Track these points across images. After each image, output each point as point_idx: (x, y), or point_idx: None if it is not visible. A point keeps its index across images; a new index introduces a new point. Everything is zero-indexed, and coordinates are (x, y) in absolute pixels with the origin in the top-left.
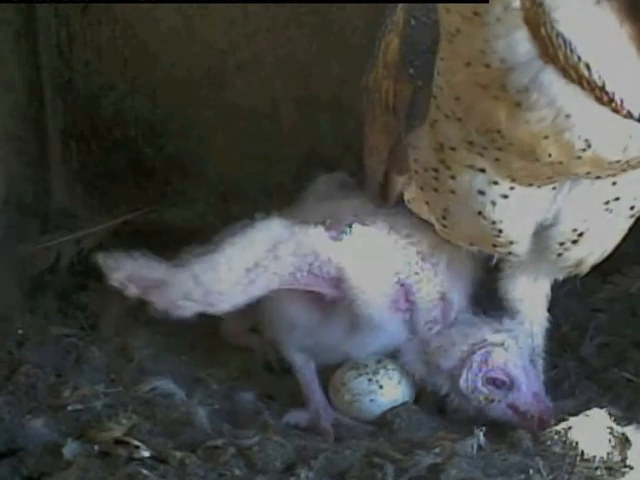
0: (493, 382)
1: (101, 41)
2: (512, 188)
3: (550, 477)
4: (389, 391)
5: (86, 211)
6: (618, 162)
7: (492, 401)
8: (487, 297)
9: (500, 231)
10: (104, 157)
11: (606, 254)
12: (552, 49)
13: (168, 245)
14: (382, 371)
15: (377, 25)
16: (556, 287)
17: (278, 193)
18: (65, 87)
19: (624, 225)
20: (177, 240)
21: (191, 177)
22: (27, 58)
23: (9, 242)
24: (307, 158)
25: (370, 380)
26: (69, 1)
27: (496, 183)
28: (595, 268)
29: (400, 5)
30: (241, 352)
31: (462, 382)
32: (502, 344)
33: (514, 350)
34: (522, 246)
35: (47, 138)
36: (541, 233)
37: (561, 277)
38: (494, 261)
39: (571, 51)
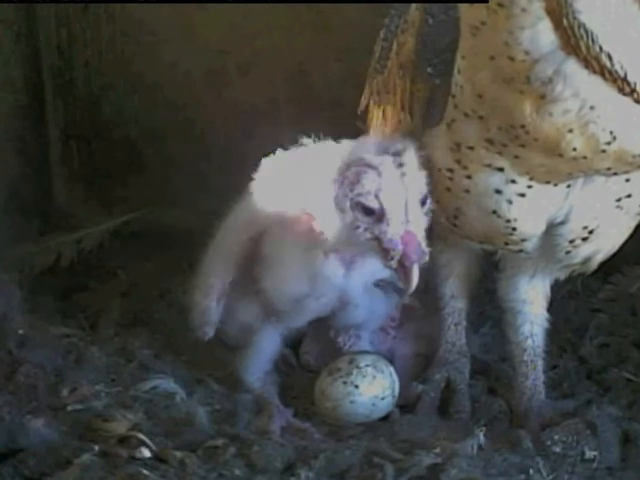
0: (361, 208)
1: (101, 41)
2: (529, 186)
3: (550, 477)
4: (367, 389)
5: (86, 211)
6: None
7: (357, 228)
8: (487, 297)
9: (514, 229)
10: (104, 157)
11: (613, 252)
12: (574, 40)
13: (168, 245)
14: (355, 371)
15: (377, 25)
16: (556, 288)
17: None
18: (65, 87)
19: (632, 223)
20: (177, 240)
21: (191, 177)
22: (27, 58)
23: (9, 242)
24: None
25: (345, 383)
26: (69, 1)
27: (513, 182)
28: (596, 268)
29: (415, 5)
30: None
31: (333, 198)
32: (376, 167)
33: (393, 178)
34: (533, 243)
35: (47, 138)
36: (551, 230)
37: (562, 277)
38: (496, 260)
39: (593, 42)
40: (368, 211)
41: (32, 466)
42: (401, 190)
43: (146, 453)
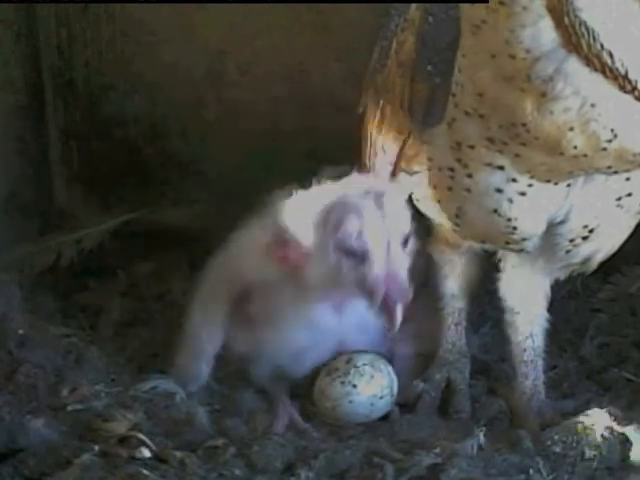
0: (344, 249)
1: (101, 41)
2: (530, 185)
3: (550, 477)
4: (365, 388)
5: (86, 211)
6: None
7: (341, 269)
8: (487, 297)
9: (515, 228)
10: (104, 157)
11: (613, 251)
12: (575, 38)
13: (168, 245)
14: (352, 370)
15: (377, 25)
16: (557, 288)
17: None
18: (65, 87)
19: (632, 222)
20: (177, 240)
21: (191, 177)
22: (27, 58)
23: (9, 242)
24: (307, 158)
25: (343, 383)
26: (69, 1)
27: (514, 180)
28: (596, 268)
29: (415, 4)
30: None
31: (315, 241)
32: (358, 210)
33: (374, 220)
34: (533, 242)
35: (47, 138)
36: (551, 230)
37: (562, 276)
38: (496, 260)
39: (594, 39)
40: (351, 253)
41: (32, 466)
42: (382, 231)
43: (146, 453)
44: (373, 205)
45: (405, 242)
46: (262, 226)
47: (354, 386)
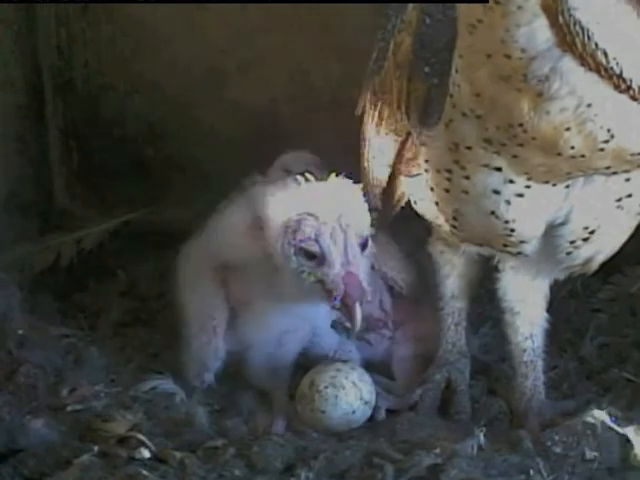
0: (304, 253)
1: (101, 41)
2: (528, 187)
3: (550, 477)
4: (333, 411)
5: (86, 211)
6: None
7: (302, 272)
8: (487, 297)
9: (512, 230)
10: (104, 157)
11: (614, 252)
12: (569, 37)
13: (168, 245)
14: (316, 396)
15: (377, 26)
16: (556, 288)
17: None
18: (65, 87)
19: (632, 223)
20: (177, 240)
21: (191, 177)
22: (27, 58)
23: (9, 242)
24: None
25: (312, 410)
26: (69, 1)
27: (512, 182)
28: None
29: (412, 4)
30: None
31: (278, 248)
32: (313, 214)
33: (331, 223)
34: (532, 245)
35: (47, 138)
36: (551, 231)
37: (562, 277)
38: (495, 261)
39: (588, 38)
40: (310, 255)
41: (32, 466)
42: (339, 234)
43: (146, 453)
44: (329, 209)
45: (363, 245)
46: (239, 209)
47: (322, 412)
